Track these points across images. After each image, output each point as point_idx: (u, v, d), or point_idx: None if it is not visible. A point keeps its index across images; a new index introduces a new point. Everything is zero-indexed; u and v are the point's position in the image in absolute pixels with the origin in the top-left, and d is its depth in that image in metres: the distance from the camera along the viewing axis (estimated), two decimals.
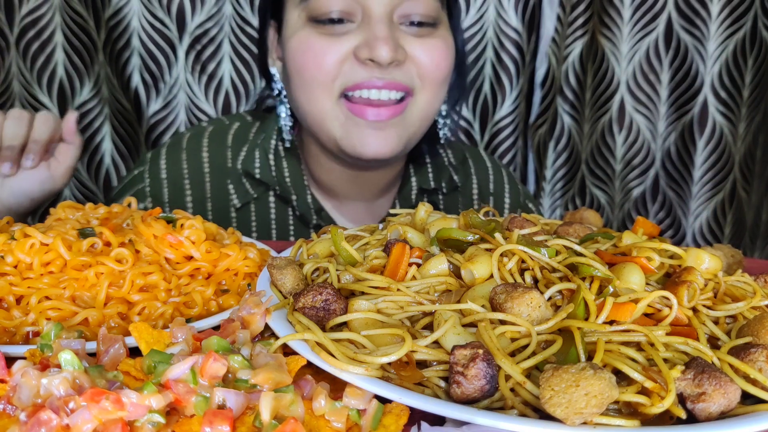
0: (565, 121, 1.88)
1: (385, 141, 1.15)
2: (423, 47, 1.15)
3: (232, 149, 1.29)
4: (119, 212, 0.86)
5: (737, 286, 0.69)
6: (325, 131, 1.17)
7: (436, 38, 1.17)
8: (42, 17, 1.77)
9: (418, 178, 1.34)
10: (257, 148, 1.27)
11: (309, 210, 1.26)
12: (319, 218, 1.27)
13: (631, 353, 0.54)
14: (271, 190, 1.27)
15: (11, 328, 0.68)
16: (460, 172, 1.38)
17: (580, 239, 0.74)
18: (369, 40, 1.10)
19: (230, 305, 0.75)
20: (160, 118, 1.84)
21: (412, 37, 1.14)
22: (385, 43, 1.09)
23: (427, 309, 0.61)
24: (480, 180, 1.41)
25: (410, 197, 1.32)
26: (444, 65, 1.18)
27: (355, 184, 1.28)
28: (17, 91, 1.82)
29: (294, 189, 1.27)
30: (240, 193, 1.26)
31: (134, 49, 1.79)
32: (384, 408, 0.52)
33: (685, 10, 1.78)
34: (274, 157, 1.27)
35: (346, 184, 1.28)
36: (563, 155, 1.91)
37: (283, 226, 1.27)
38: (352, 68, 1.12)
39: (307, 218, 1.26)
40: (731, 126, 1.83)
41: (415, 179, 1.33)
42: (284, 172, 1.27)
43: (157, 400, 0.47)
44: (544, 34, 1.82)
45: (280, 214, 1.28)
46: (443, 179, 1.35)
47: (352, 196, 1.31)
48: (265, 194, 1.27)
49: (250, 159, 1.27)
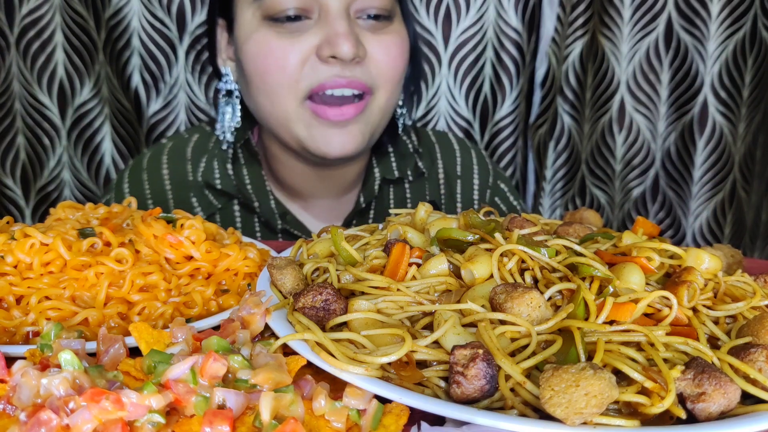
0: (565, 121, 1.88)
1: (349, 139, 1.15)
2: (380, 45, 1.14)
3: (192, 162, 1.28)
4: (119, 212, 0.86)
5: (737, 286, 0.69)
6: (290, 132, 1.16)
7: (391, 34, 1.16)
8: (42, 17, 1.77)
9: (381, 168, 1.32)
10: (215, 159, 1.26)
11: (273, 215, 1.25)
12: (284, 222, 1.26)
13: (631, 353, 0.54)
14: (234, 199, 1.26)
15: (11, 328, 0.68)
16: (425, 157, 1.37)
17: (580, 239, 0.74)
18: (330, 36, 1.09)
19: (230, 305, 0.75)
20: (160, 118, 1.84)
21: (369, 34, 1.14)
22: (347, 39, 1.08)
23: (427, 309, 0.61)
24: (446, 164, 1.39)
25: (373, 189, 1.31)
26: (400, 62, 1.18)
27: (320, 182, 1.28)
28: (17, 91, 1.82)
29: (256, 196, 1.26)
30: (204, 205, 1.25)
31: (134, 49, 1.79)
32: (384, 408, 0.52)
33: (685, 10, 1.78)
34: (232, 165, 1.26)
35: (311, 182, 1.28)
36: (563, 155, 1.91)
37: (250, 234, 1.26)
38: (314, 67, 1.11)
39: (272, 224, 1.25)
40: (731, 126, 1.83)
41: (378, 170, 1.32)
42: (245, 179, 1.26)
43: (157, 400, 0.47)
44: (544, 34, 1.82)
45: (246, 222, 1.27)
46: (408, 167, 1.33)
47: (318, 195, 1.30)
48: (229, 204, 1.26)
49: (210, 170, 1.26)
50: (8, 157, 1.86)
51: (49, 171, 1.89)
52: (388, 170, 1.32)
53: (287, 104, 1.14)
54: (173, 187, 1.27)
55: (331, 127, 1.13)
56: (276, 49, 1.11)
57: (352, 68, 1.11)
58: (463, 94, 1.88)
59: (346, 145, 1.15)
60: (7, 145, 1.85)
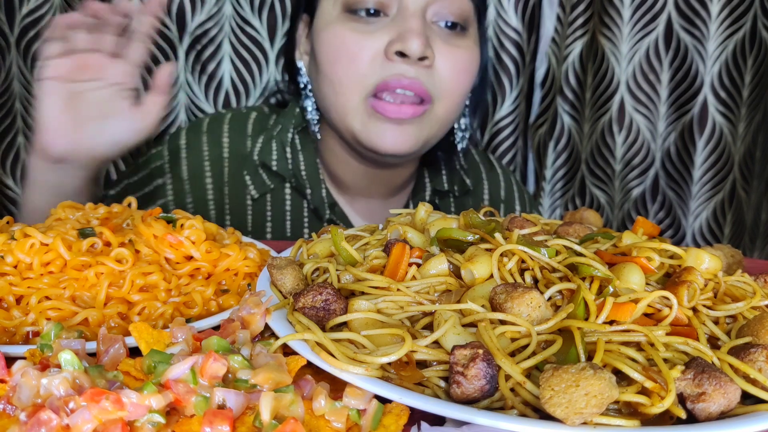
0: (565, 121, 1.88)
1: (403, 137, 1.15)
2: (450, 56, 1.15)
3: (251, 138, 1.30)
4: (119, 212, 0.86)
5: (737, 286, 0.69)
6: (346, 124, 1.18)
7: (463, 48, 1.17)
8: (42, 17, 1.77)
9: (432, 179, 1.35)
10: (274, 140, 1.28)
11: (323, 204, 1.27)
12: (333, 213, 1.27)
13: (631, 353, 0.54)
14: (287, 183, 1.28)
15: (11, 328, 0.68)
16: (470, 175, 1.40)
17: (580, 239, 0.74)
18: (401, 33, 1.10)
19: (230, 305, 0.75)
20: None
21: (441, 42, 1.14)
22: (418, 37, 1.09)
23: (427, 309, 0.61)
24: (491, 185, 1.43)
25: (424, 198, 1.34)
26: (465, 77, 1.19)
27: (369, 181, 1.29)
28: (17, 91, 1.82)
29: (309, 182, 1.27)
30: (257, 183, 1.27)
31: None
32: (384, 408, 0.52)
33: (685, 10, 1.78)
34: (290, 149, 1.27)
35: (360, 179, 1.29)
36: (563, 155, 1.91)
37: (298, 219, 1.28)
38: (381, 65, 1.12)
39: (320, 212, 1.27)
40: (731, 126, 1.83)
41: (429, 180, 1.35)
42: (300, 165, 1.28)
43: (157, 400, 0.47)
44: (544, 34, 1.82)
45: (296, 206, 1.28)
46: (455, 182, 1.36)
47: (366, 193, 1.32)
48: (281, 186, 1.28)
49: (267, 150, 1.27)
50: (8, 157, 1.86)
51: None
52: (439, 182, 1.35)
53: (350, 97, 1.15)
54: (231, 157, 1.28)
55: (388, 123, 1.14)
56: (350, 42, 1.13)
57: (417, 70, 1.12)
58: None
59: (398, 143, 1.15)
60: (7, 145, 1.85)
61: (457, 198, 1.37)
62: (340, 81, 1.15)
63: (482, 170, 1.44)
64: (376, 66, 1.12)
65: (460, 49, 1.17)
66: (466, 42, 1.18)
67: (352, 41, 1.13)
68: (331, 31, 1.15)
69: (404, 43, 1.09)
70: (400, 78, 1.12)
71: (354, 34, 1.13)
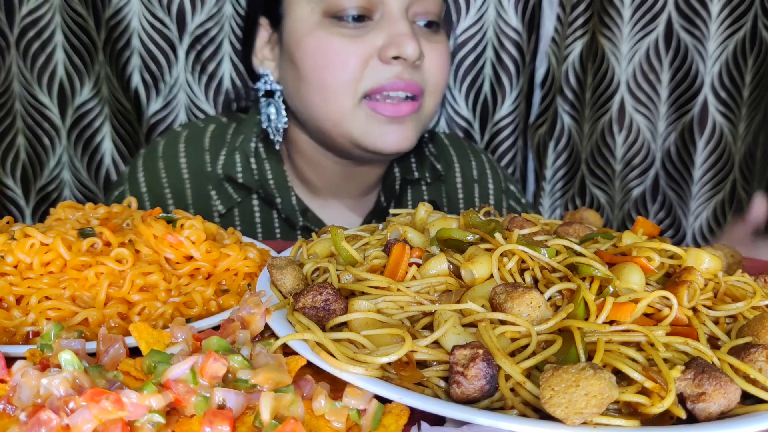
0: (565, 121, 1.88)
1: (404, 135, 1.16)
2: (432, 52, 1.16)
3: (210, 152, 1.27)
4: (119, 212, 0.86)
5: (737, 286, 0.69)
6: (342, 130, 1.16)
7: (441, 44, 1.19)
8: (42, 17, 1.77)
9: (401, 168, 1.34)
10: (237, 151, 1.26)
11: (294, 212, 1.25)
12: (305, 219, 1.26)
13: (631, 353, 0.54)
14: (254, 193, 1.26)
15: (11, 328, 0.68)
16: (441, 160, 1.38)
17: (580, 239, 0.74)
18: (394, 37, 1.10)
19: (230, 305, 0.75)
20: (160, 118, 1.84)
21: (424, 41, 1.15)
22: (412, 40, 1.10)
23: (427, 309, 0.61)
24: (463, 167, 1.41)
25: (394, 188, 1.32)
26: (446, 70, 1.21)
27: (343, 182, 1.28)
28: (17, 91, 1.82)
29: (278, 191, 1.25)
30: (223, 198, 1.25)
31: (134, 49, 1.79)
32: (384, 408, 0.52)
33: (685, 10, 1.78)
34: (255, 159, 1.26)
35: (334, 180, 1.28)
36: (563, 155, 1.91)
37: (269, 229, 1.26)
38: (376, 69, 1.12)
39: (292, 220, 1.25)
40: (731, 126, 1.83)
41: (398, 169, 1.33)
42: (267, 174, 1.26)
43: (157, 400, 0.47)
44: (544, 34, 1.81)
45: (265, 216, 1.27)
46: (426, 170, 1.35)
47: (340, 194, 1.30)
48: (248, 197, 1.26)
49: (231, 163, 1.25)
50: (8, 157, 1.86)
51: (49, 171, 1.89)
52: (408, 170, 1.33)
53: (343, 103, 1.14)
54: (191, 176, 1.27)
55: (388, 123, 1.14)
56: (339, 48, 1.12)
57: (412, 71, 1.13)
58: (463, 94, 1.88)
59: (400, 140, 1.16)
60: (7, 145, 1.85)
61: (429, 185, 1.36)
62: (330, 87, 1.13)
63: (452, 153, 1.42)
64: (370, 70, 1.12)
65: (439, 45, 1.18)
66: (441, 38, 1.20)
67: (341, 47, 1.12)
68: (315, 38, 1.13)
69: (400, 47, 1.10)
70: (396, 81, 1.12)
71: (342, 40, 1.12)
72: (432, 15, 1.16)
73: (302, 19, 1.15)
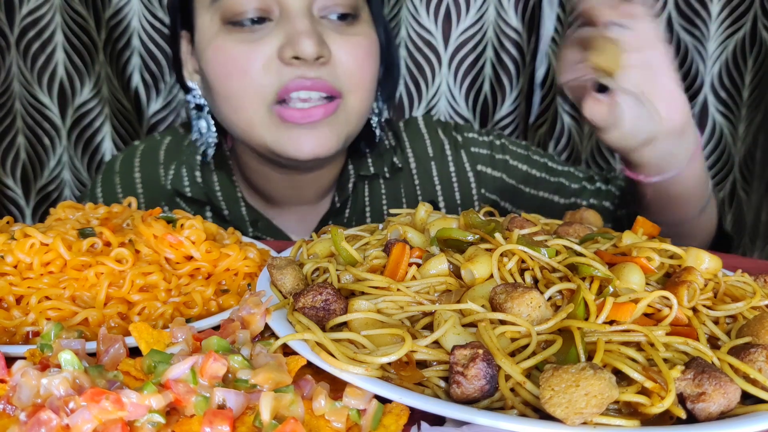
0: (565, 121, 1.88)
1: (320, 140, 1.10)
2: (346, 47, 1.10)
3: (164, 166, 1.26)
4: (119, 212, 0.86)
5: (737, 286, 0.69)
6: (255, 138, 1.12)
7: (358, 35, 1.12)
8: (42, 17, 1.77)
9: (355, 165, 1.28)
10: (184, 165, 1.24)
11: (244, 222, 1.23)
12: (256, 229, 1.23)
13: (631, 353, 0.54)
14: (206, 206, 1.24)
15: (11, 328, 0.68)
16: (398, 152, 1.32)
17: (580, 239, 0.74)
18: (291, 36, 1.05)
19: (230, 305, 0.75)
20: (160, 118, 1.84)
21: (335, 34, 1.09)
22: (308, 37, 1.04)
23: (427, 309, 0.61)
24: (416, 150, 1.33)
25: (347, 187, 1.26)
26: (368, 65, 1.13)
27: (294, 189, 1.24)
28: (17, 91, 1.82)
29: (225, 203, 1.23)
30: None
31: (134, 49, 1.80)
32: (384, 408, 0.52)
33: (685, 10, 1.78)
34: (201, 173, 1.23)
35: (284, 190, 1.24)
36: (563, 155, 1.91)
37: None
38: (277, 71, 1.07)
39: (243, 230, 1.21)
40: (731, 126, 1.83)
41: (353, 167, 1.28)
42: (214, 186, 1.24)
43: (157, 400, 0.47)
44: (544, 34, 1.81)
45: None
46: (385, 164, 1.29)
47: (294, 201, 1.26)
48: (201, 211, 1.24)
49: (178, 177, 1.23)
50: (8, 157, 1.86)
51: (50, 171, 1.89)
52: (364, 167, 1.28)
53: (251, 111, 1.09)
54: (145, 191, 1.25)
55: (299, 129, 1.09)
56: (237, 54, 1.08)
57: (317, 69, 1.07)
58: (463, 94, 1.88)
59: (316, 147, 1.10)
60: (7, 145, 1.85)
61: (388, 179, 1.30)
62: (235, 96, 1.09)
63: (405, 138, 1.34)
64: (272, 73, 1.07)
65: (356, 37, 1.11)
66: (360, 29, 1.13)
67: (239, 53, 1.07)
68: (215, 47, 1.09)
69: (295, 46, 1.04)
70: (301, 80, 1.06)
71: (241, 46, 1.07)
72: (344, 7, 1.09)
73: (205, 29, 1.11)
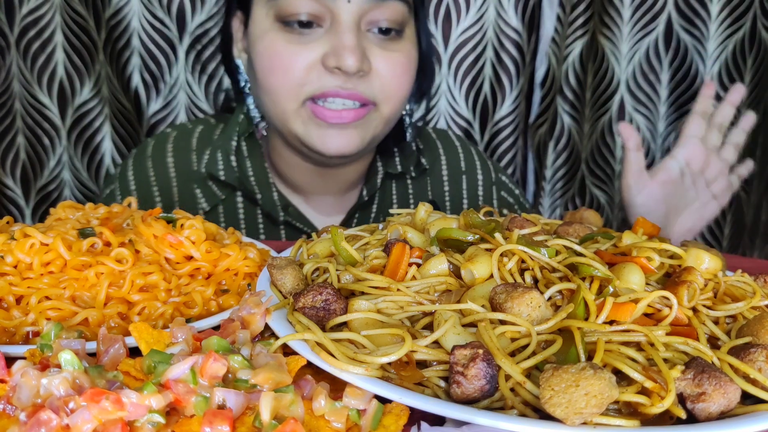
0: (565, 121, 1.88)
1: (346, 140, 1.16)
2: (386, 61, 1.16)
3: (196, 152, 1.30)
4: (119, 212, 0.86)
5: (737, 286, 0.69)
6: (288, 129, 1.18)
7: (399, 52, 1.18)
8: (42, 17, 1.77)
9: (384, 162, 1.34)
10: (219, 150, 1.28)
11: (275, 207, 1.27)
12: (287, 214, 1.27)
13: (631, 353, 0.54)
14: (238, 191, 1.28)
15: (11, 328, 0.68)
16: (427, 155, 1.39)
17: (580, 239, 0.74)
18: (337, 48, 1.11)
19: (230, 305, 0.75)
20: (160, 118, 1.84)
21: (377, 48, 1.15)
22: (353, 53, 1.10)
23: (427, 309, 0.61)
24: (449, 160, 1.41)
25: (376, 182, 1.32)
26: (404, 79, 1.20)
27: (321, 180, 1.29)
28: (17, 91, 1.82)
29: (258, 188, 1.27)
30: (207, 196, 1.27)
31: (134, 49, 1.79)
32: (384, 408, 0.52)
33: (685, 10, 1.78)
34: (236, 157, 1.28)
35: (312, 180, 1.29)
36: (563, 155, 1.91)
37: (253, 226, 1.28)
38: (319, 76, 1.13)
39: (273, 216, 1.26)
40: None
41: (381, 164, 1.34)
42: (248, 171, 1.28)
43: (157, 400, 0.47)
44: (544, 34, 1.81)
45: (249, 213, 1.28)
46: (411, 164, 1.36)
47: (320, 191, 1.31)
48: (232, 195, 1.28)
49: (213, 161, 1.27)
50: (8, 157, 1.86)
51: (49, 171, 1.89)
52: (392, 165, 1.34)
53: (287, 105, 1.16)
54: (178, 176, 1.29)
55: (329, 128, 1.15)
56: (284, 52, 1.13)
57: (355, 81, 1.13)
58: (463, 94, 1.88)
59: (342, 145, 1.16)
60: (7, 145, 1.85)
61: (415, 179, 1.37)
62: (275, 90, 1.16)
63: (439, 146, 1.42)
64: (313, 76, 1.13)
65: (396, 53, 1.17)
66: (401, 45, 1.19)
67: (286, 52, 1.13)
68: (265, 42, 1.15)
69: (339, 59, 1.10)
70: (338, 90, 1.13)
71: (288, 46, 1.13)
72: (389, 22, 1.15)
73: (259, 22, 1.17)
